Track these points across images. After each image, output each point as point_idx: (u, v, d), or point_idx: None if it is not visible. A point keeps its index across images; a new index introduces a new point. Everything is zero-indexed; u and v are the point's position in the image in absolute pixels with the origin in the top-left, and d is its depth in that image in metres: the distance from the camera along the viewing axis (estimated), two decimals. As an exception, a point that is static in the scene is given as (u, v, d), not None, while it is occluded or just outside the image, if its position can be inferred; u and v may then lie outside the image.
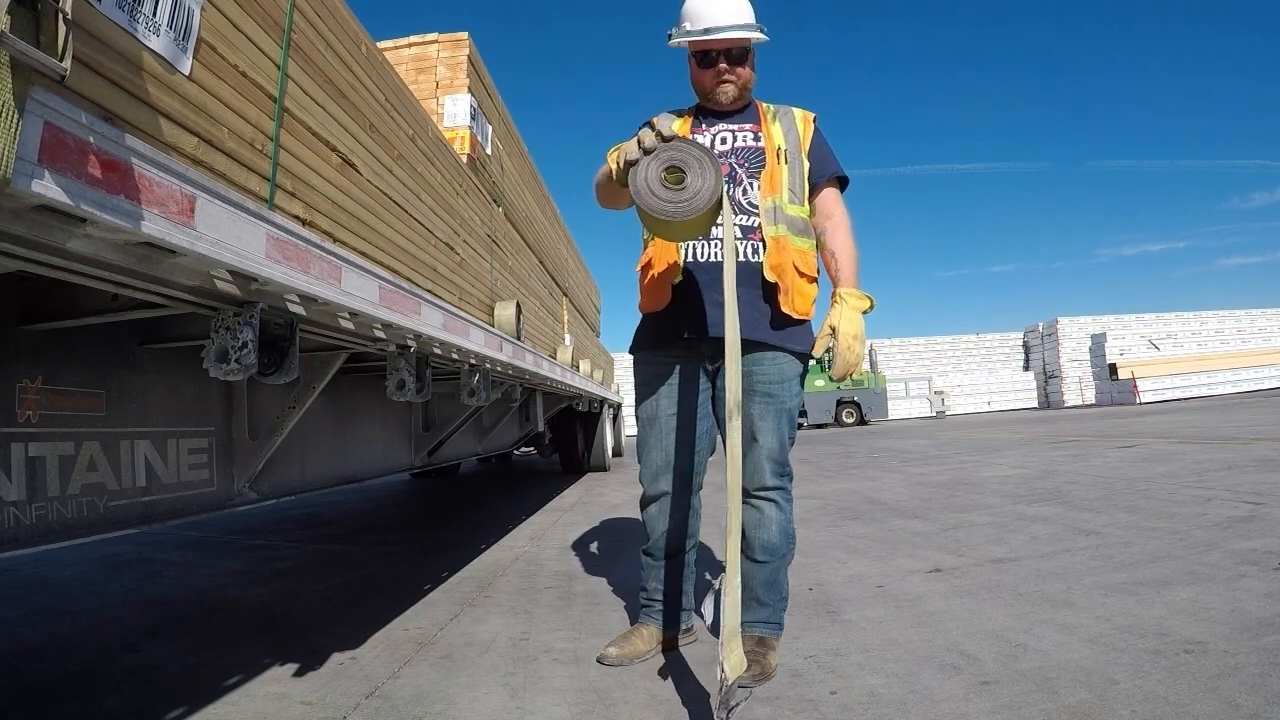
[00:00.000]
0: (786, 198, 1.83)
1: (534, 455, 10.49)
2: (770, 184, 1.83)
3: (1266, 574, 2.21)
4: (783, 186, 1.83)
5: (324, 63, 1.69)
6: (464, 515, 5.37)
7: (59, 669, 2.04)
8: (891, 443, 10.89)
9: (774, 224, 1.81)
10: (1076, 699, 1.47)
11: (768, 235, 1.80)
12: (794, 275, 1.81)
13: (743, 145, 1.87)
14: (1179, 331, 22.69)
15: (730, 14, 1.81)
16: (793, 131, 1.90)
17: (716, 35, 1.81)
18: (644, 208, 1.54)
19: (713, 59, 1.85)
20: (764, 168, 1.84)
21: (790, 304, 1.80)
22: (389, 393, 2.01)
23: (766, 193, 1.82)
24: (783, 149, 1.86)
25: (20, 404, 1.24)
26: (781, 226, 1.81)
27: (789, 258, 1.80)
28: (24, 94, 0.70)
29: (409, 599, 2.70)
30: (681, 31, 1.85)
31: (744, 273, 1.79)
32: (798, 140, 1.89)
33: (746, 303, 1.78)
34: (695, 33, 1.83)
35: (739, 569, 1.52)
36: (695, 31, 1.83)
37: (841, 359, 1.75)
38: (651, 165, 1.53)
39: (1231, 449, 5.84)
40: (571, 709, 1.62)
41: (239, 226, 1.10)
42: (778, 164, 1.84)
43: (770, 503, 1.84)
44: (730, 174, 1.83)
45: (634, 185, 1.54)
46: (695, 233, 1.65)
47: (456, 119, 3.05)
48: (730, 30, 1.81)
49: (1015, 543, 3.01)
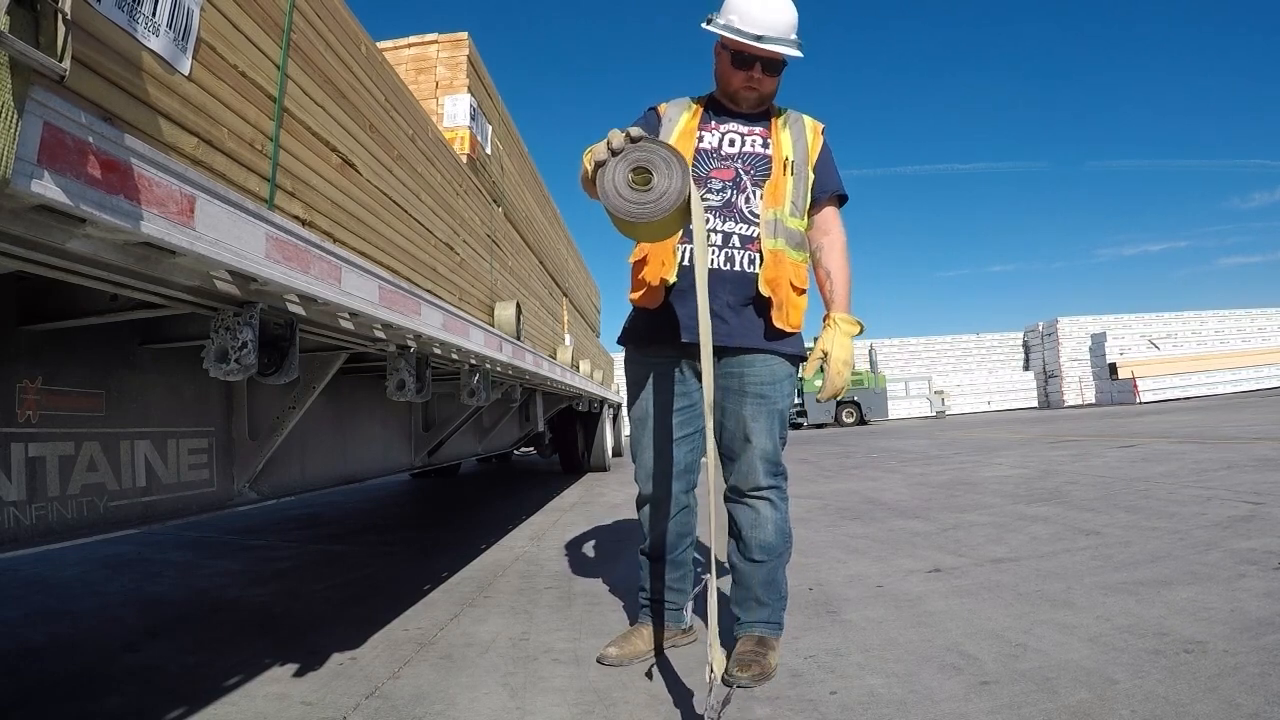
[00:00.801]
0: (788, 210, 1.82)
1: (534, 455, 10.49)
2: (774, 195, 1.82)
3: (1266, 574, 2.21)
4: (785, 199, 1.82)
5: (324, 63, 1.69)
6: (464, 515, 5.37)
7: (59, 669, 2.04)
8: (891, 443, 10.88)
9: (773, 237, 1.79)
10: (1076, 699, 1.47)
11: (766, 248, 1.79)
12: (788, 290, 1.80)
13: (751, 151, 1.86)
14: (1179, 331, 22.70)
15: (784, 27, 1.78)
16: (801, 141, 1.88)
17: (768, 45, 1.78)
18: (611, 209, 1.52)
19: (749, 62, 1.82)
20: (769, 177, 1.83)
21: (784, 319, 1.80)
22: (389, 393, 2.01)
23: (769, 204, 1.81)
24: (790, 160, 1.85)
25: (20, 404, 1.24)
26: (780, 240, 1.80)
27: (785, 273, 1.79)
28: (24, 94, 0.70)
29: (409, 599, 2.70)
30: (730, 27, 1.79)
31: (739, 282, 1.79)
32: (806, 151, 1.88)
33: (737, 311, 1.79)
34: (747, 35, 1.78)
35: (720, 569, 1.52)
36: (746, 34, 1.78)
37: (830, 383, 1.82)
38: (619, 167, 1.51)
39: (1231, 449, 5.84)
40: (571, 709, 1.62)
41: (239, 227, 1.10)
42: (783, 175, 1.83)
43: (765, 502, 1.84)
44: (735, 179, 1.82)
45: (601, 188, 1.52)
46: (665, 233, 1.62)
47: (456, 119, 3.05)
48: (781, 44, 1.78)
49: (1015, 543, 3.01)
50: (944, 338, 27.14)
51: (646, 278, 1.87)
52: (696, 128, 1.88)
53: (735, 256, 1.80)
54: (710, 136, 1.87)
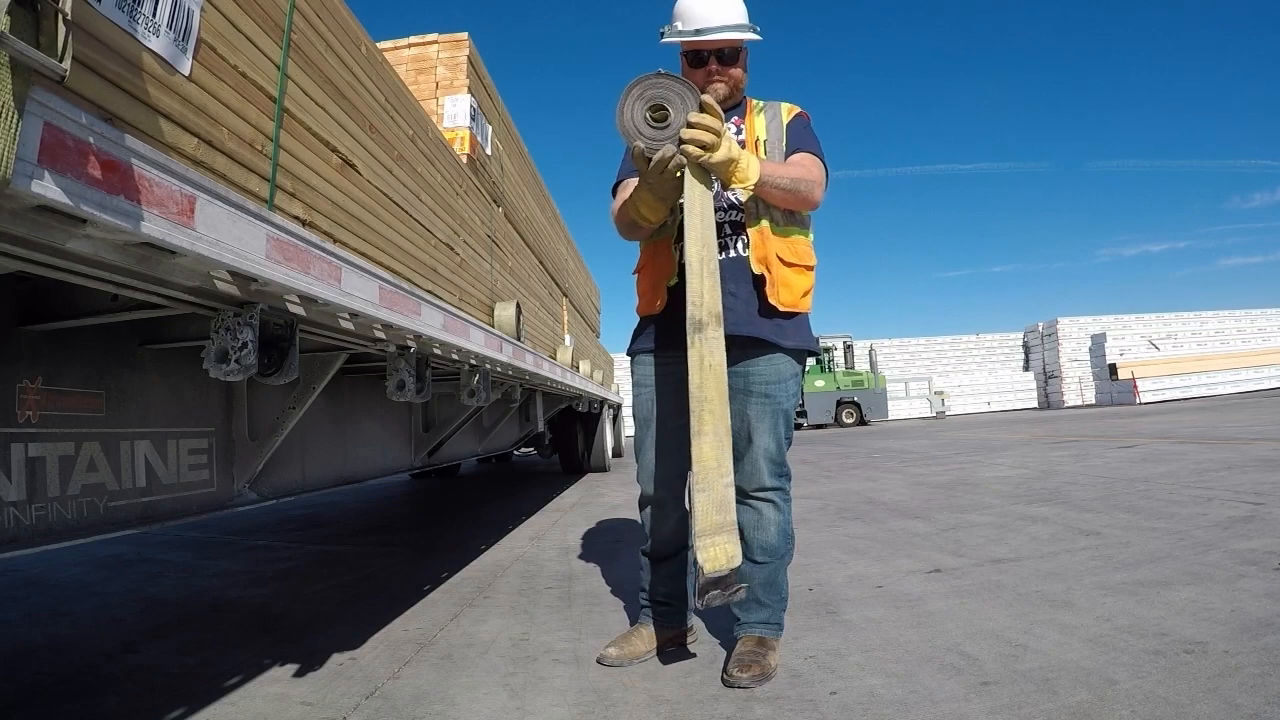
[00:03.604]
0: None
1: (534, 455, 10.49)
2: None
3: (1266, 574, 2.21)
4: None
5: (324, 63, 1.69)
6: (464, 515, 5.37)
7: (59, 669, 2.04)
8: (891, 443, 10.88)
9: (756, 218, 1.81)
10: (1076, 699, 1.46)
11: (750, 229, 1.81)
12: (779, 266, 1.81)
13: None
14: (1179, 331, 22.68)
15: (722, 14, 1.81)
16: (775, 121, 1.90)
17: (707, 36, 1.81)
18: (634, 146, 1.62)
19: (704, 59, 1.85)
20: None
21: (775, 294, 1.80)
22: (389, 393, 2.01)
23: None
24: (762, 140, 1.86)
25: (20, 404, 1.24)
26: (765, 220, 1.81)
27: (772, 249, 1.80)
28: (24, 94, 0.70)
29: (409, 599, 2.70)
30: (673, 31, 1.84)
31: (734, 267, 1.81)
32: (780, 130, 1.88)
33: (741, 299, 1.80)
34: (686, 32, 1.82)
35: (709, 468, 1.59)
36: (686, 31, 1.82)
37: (702, 127, 1.58)
38: (637, 105, 1.61)
39: (1231, 449, 5.84)
40: (572, 709, 1.62)
41: (239, 227, 1.10)
42: (757, 155, 1.83)
43: (769, 504, 1.84)
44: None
45: (622, 127, 1.62)
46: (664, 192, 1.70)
47: (456, 119, 3.05)
48: (721, 31, 1.81)
49: (1015, 543, 3.01)
50: (944, 338, 27.12)
51: (649, 281, 1.89)
52: None
53: (729, 244, 1.82)
54: None
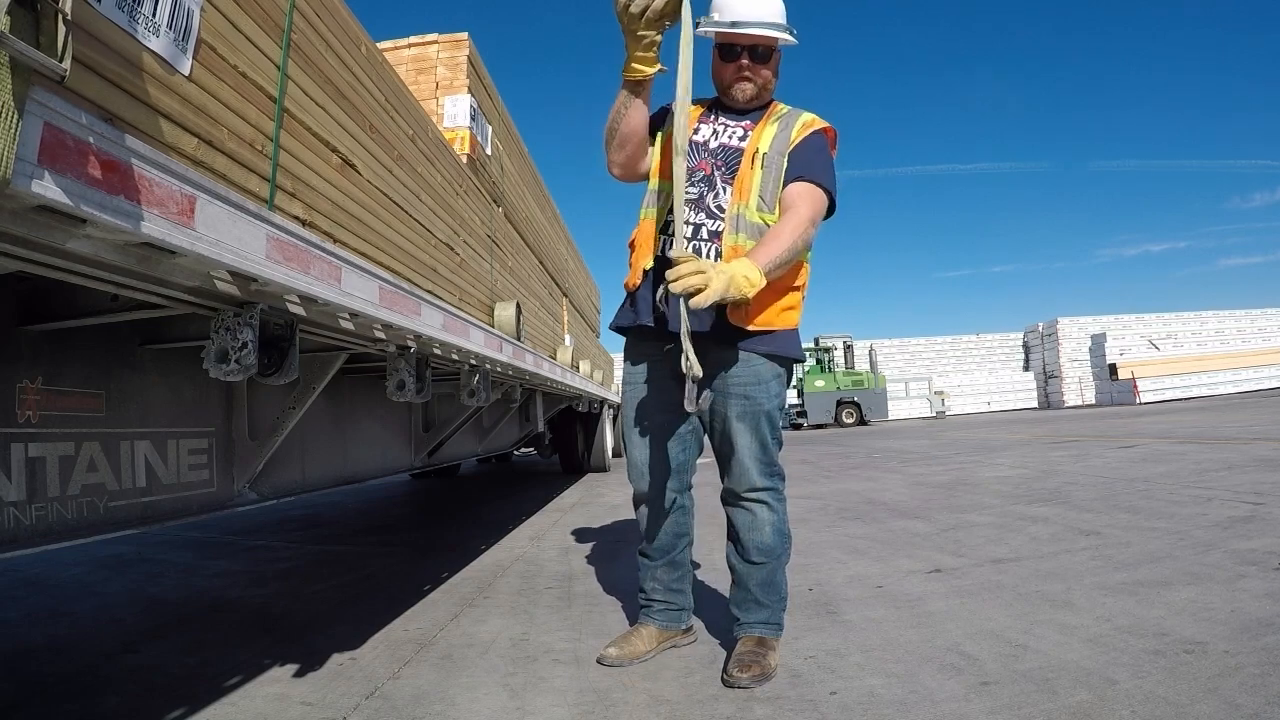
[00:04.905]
0: (754, 204, 1.76)
1: (534, 456, 10.49)
2: (739, 189, 1.77)
3: (1266, 574, 2.21)
4: (751, 192, 1.76)
5: (324, 63, 1.69)
6: (464, 515, 5.37)
7: (59, 669, 2.04)
8: (891, 443, 10.88)
9: (734, 232, 1.74)
10: (1076, 699, 1.47)
11: (725, 244, 1.74)
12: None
13: (726, 144, 1.83)
14: (1179, 331, 22.69)
15: (760, 11, 1.76)
16: (784, 135, 1.81)
17: (743, 30, 1.76)
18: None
19: (736, 53, 1.81)
20: (738, 171, 1.79)
21: (740, 316, 1.71)
22: (389, 393, 2.01)
23: (735, 198, 1.77)
24: (761, 153, 1.78)
25: (20, 404, 1.24)
26: (741, 235, 1.73)
27: None
28: (24, 94, 0.70)
29: (409, 599, 2.70)
30: (709, 21, 1.79)
31: None
32: (785, 145, 1.79)
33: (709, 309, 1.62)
34: (722, 24, 1.77)
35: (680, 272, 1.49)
36: (722, 23, 1.77)
37: (681, 277, 1.49)
38: None
39: (1231, 449, 5.84)
40: (571, 709, 1.62)
41: (239, 227, 1.10)
42: (750, 168, 1.78)
43: (761, 504, 1.83)
44: (709, 174, 1.81)
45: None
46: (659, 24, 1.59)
47: (456, 119, 3.05)
48: (757, 27, 1.76)
49: (1015, 543, 3.00)
50: (944, 338, 27.14)
51: (633, 254, 1.88)
52: (697, 119, 1.88)
53: (701, 249, 1.76)
54: (705, 129, 1.87)
